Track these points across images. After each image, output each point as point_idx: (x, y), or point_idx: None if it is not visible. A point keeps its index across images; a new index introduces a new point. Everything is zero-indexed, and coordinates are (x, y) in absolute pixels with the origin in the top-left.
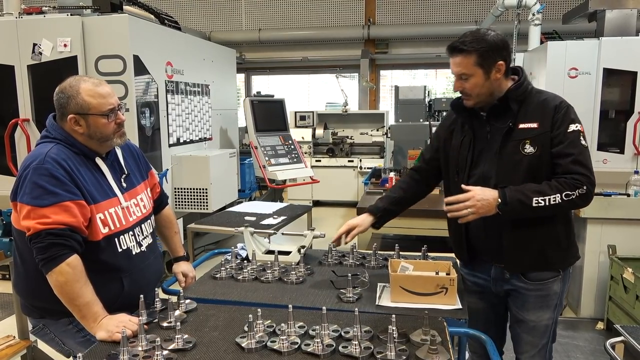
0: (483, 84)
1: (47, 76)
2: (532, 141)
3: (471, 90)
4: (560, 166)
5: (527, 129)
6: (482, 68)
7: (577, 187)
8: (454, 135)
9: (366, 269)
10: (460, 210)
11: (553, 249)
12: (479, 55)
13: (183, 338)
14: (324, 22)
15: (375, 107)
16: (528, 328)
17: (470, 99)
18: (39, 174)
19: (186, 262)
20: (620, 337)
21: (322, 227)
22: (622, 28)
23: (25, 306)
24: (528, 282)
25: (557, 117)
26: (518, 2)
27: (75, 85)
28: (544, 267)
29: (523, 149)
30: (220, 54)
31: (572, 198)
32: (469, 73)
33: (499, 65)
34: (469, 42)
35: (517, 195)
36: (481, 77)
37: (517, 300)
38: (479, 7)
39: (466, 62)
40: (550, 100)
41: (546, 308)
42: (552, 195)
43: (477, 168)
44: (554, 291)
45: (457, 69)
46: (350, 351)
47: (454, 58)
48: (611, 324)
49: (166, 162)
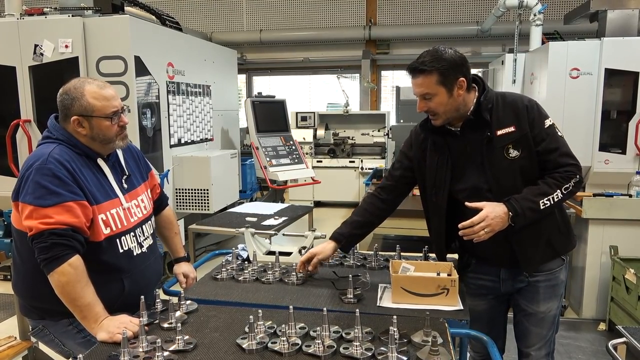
0: (447, 102)
1: (48, 77)
2: (514, 144)
3: (437, 109)
4: (550, 162)
5: (506, 134)
6: (444, 86)
7: (570, 178)
8: (428, 155)
9: (367, 269)
10: (477, 232)
11: (556, 236)
12: (440, 74)
13: (184, 339)
14: (325, 23)
15: (376, 108)
16: (537, 320)
17: (438, 118)
18: (42, 174)
19: (187, 263)
20: (622, 338)
21: (323, 227)
22: (623, 28)
23: (24, 307)
24: (538, 275)
25: (532, 116)
26: (519, 3)
27: (80, 87)
28: (552, 255)
29: (508, 154)
30: (222, 55)
31: (570, 189)
32: (432, 92)
33: (460, 82)
34: (428, 62)
35: (526, 203)
36: (445, 95)
37: (527, 294)
38: (480, 8)
39: (428, 81)
40: (517, 101)
41: (554, 297)
42: (554, 193)
43: (463, 183)
44: (560, 280)
45: (419, 89)
46: (352, 352)
47: (416, 79)
48: (613, 325)
49: (167, 162)
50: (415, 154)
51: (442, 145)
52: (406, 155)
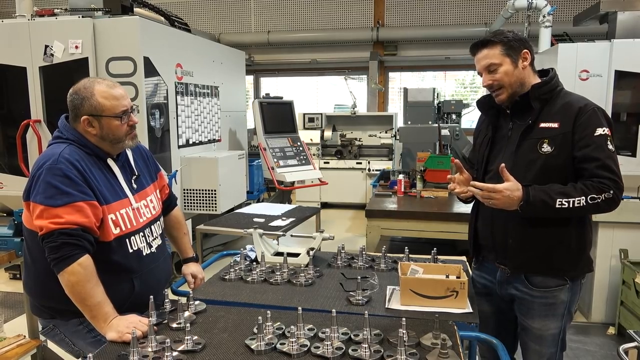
0: (512, 72)
1: (58, 78)
2: (551, 141)
3: (501, 81)
4: (586, 170)
5: (547, 129)
6: (509, 57)
7: (603, 190)
8: (480, 135)
9: (375, 271)
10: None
11: (560, 253)
12: (503, 44)
13: (192, 339)
14: (332, 24)
15: (383, 109)
16: (534, 336)
17: (503, 91)
18: (53, 174)
19: (195, 264)
20: (633, 342)
21: (330, 229)
22: (633, 30)
23: (35, 306)
24: (532, 288)
25: (581, 120)
26: (528, 4)
27: (90, 87)
28: (547, 271)
29: (540, 148)
30: (230, 56)
31: (598, 202)
32: (497, 62)
33: (524, 54)
34: (491, 35)
35: (541, 195)
36: (510, 64)
37: (521, 307)
38: (488, 9)
39: (492, 52)
40: (575, 102)
41: (552, 317)
42: (577, 197)
43: (492, 164)
44: (560, 300)
45: (484, 61)
46: (360, 354)
47: (479, 53)
48: (622, 329)
49: (175, 163)
50: (476, 132)
51: (492, 124)
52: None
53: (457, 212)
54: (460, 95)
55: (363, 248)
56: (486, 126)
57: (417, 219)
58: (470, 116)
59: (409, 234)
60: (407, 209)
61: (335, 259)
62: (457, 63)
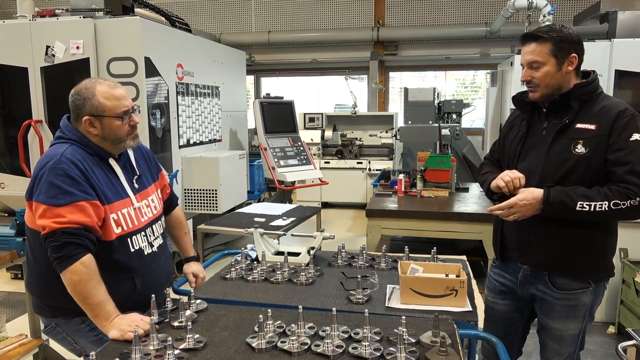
0: (554, 75)
1: (59, 78)
2: (586, 142)
3: (540, 80)
4: (615, 174)
5: (584, 129)
6: (555, 58)
7: (629, 197)
8: (512, 130)
9: (375, 270)
10: (507, 216)
11: (582, 255)
12: (554, 44)
13: (194, 338)
14: (333, 24)
15: (384, 109)
16: (554, 336)
17: (537, 90)
18: (55, 174)
19: (196, 263)
20: (632, 340)
21: (331, 228)
22: (634, 29)
23: (37, 305)
24: (555, 290)
25: (619, 124)
26: (529, 4)
27: (91, 87)
28: (568, 272)
29: (574, 149)
30: (230, 56)
31: (621, 208)
32: (542, 61)
33: (572, 58)
34: (545, 30)
35: (561, 196)
36: (554, 66)
37: (543, 307)
38: (489, 9)
39: (540, 49)
40: (614, 105)
41: (573, 318)
42: (599, 201)
43: (523, 162)
44: (582, 302)
45: (529, 56)
46: (360, 352)
47: (528, 46)
48: (622, 328)
49: (176, 163)
50: (504, 129)
51: (525, 120)
52: (501, 131)
53: (457, 211)
54: (460, 95)
55: (363, 247)
56: (520, 122)
57: (417, 218)
58: (470, 116)
59: (409, 234)
60: (408, 209)
61: (335, 258)
62: (457, 63)
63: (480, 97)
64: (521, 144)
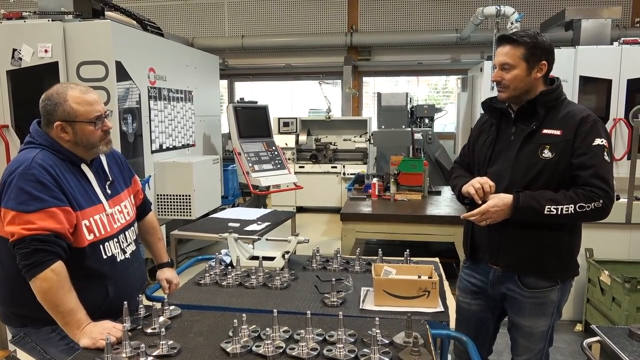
0: (523, 79)
1: (27, 82)
2: (552, 147)
3: (510, 82)
4: (580, 177)
5: (550, 135)
6: (526, 62)
7: (593, 200)
8: (482, 134)
9: (350, 273)
10: (480, 222)
11: (551, 256)
12: (526, 49)
13: (168, 344)
14: (307, 29)
15: (358, 114)
16: (524, 333)
17: (506, 92)
18: (25, 180)
19: (170, 269)
20: (596, 337)
21: (306, 232)
22: (597, 37)
23: (5, 314)
24: (524, 289)
25: (583, 129)
26: (497, 11)
27: (63, 92)
28: (538, 272)
29: (541, 154)
30: (203, 60)
31: (586, 210)
32: (513, 64)
33: (542, 65)
34: (520, 35)
35: (530, 201)
36: (523, 70)
37: (513, 305)
38: (459, 16)
39: (513, 52)
40: (578, 111)
41: (542, 315)
42: (566, 205)
43: (493, 166)
44: (551, 300)
45: (502, 58)
46: (335, 354)
47: (502, 47)
48: (589, 325)
49: (149, 168)
50: (474, 133)
51: (495, 126)
52: (470, 135)
53: (430, 214)
54: (432, 100)
55: (338, 251)
56: (489, 127)
57: (391, 221)
58: (442, 120)
59: (384, 237)
60: (381, 212)
61: (310, 262)
62: (429, 68)
63: (452, 102)
64: (491, 149)
